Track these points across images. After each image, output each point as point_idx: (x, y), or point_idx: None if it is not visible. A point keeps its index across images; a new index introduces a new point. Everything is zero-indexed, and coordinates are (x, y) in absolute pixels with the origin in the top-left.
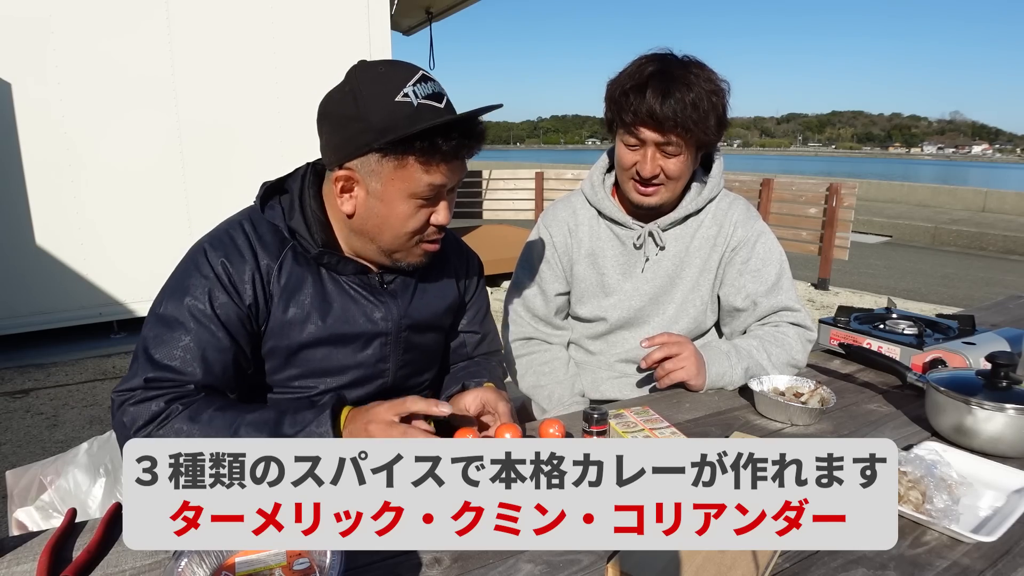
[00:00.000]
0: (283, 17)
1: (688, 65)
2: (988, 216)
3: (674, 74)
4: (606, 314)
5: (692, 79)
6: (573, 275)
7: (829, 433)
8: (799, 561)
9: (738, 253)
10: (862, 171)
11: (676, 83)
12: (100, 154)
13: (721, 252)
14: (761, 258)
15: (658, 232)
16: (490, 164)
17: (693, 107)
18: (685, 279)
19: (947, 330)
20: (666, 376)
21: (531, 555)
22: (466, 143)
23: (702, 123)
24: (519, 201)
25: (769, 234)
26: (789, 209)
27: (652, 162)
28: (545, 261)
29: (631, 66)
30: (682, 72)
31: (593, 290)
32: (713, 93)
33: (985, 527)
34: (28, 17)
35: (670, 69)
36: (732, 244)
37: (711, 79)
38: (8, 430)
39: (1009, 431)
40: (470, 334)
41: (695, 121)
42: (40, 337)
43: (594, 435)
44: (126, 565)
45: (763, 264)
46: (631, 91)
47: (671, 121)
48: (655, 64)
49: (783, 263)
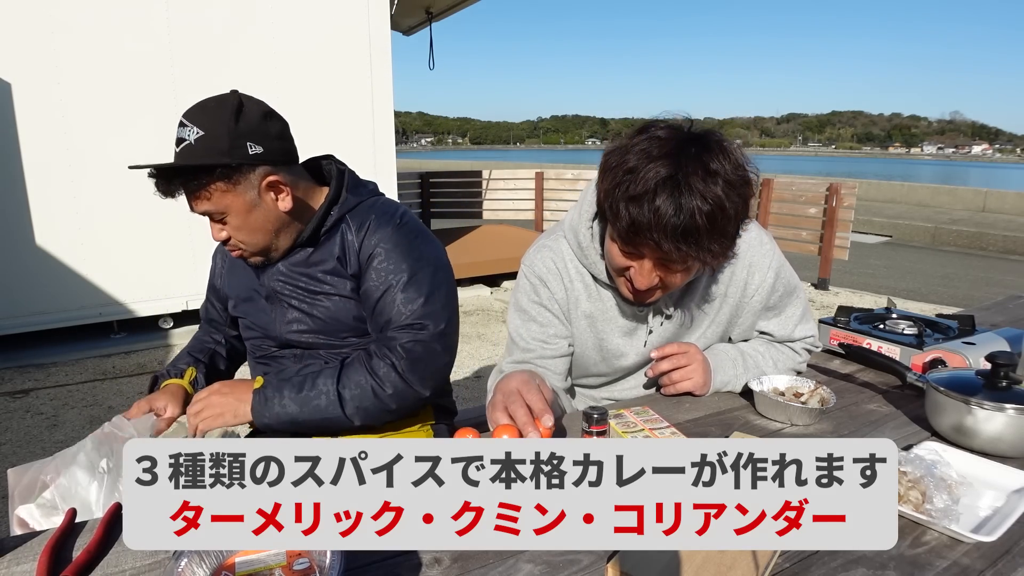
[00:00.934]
0: (283, 17)
1: (705, 162)
2: (988, 216)
3: (685, 176)
4: (603, 373)
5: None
6: (570, 323)
7: (829, 433)
8: (799, 561)
9: (755, 298)
10: (862, 171)
11: (685, 192)
12: (100, 154)
13: (734, 304)
14: (780, 296)
15: (666, 299)
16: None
17: (713, 234)
18: (692, 334)
19: (947, 330)
20: (672, 386)
21: (531, 555)
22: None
23: (720, 248)
24: (519, 201)
25: (784, 265)
26: (789, 209)
27: (649, 275)
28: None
29: (634, 158)
30: (700, 174)
31: (591, 353)
32: (740, 209)
33: (985, 527)
34: (28, 17)
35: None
36: (748, 292)
37: (742, 186)
38: (8, 430)
39: (1009, 431)
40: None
41: (712, 252)
42: (40, 337)
43: (594, 435)
44: (126, 565)
45: (781, 302)
46: (634, 199)
47: (683, 252)
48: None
49: (799, 290)
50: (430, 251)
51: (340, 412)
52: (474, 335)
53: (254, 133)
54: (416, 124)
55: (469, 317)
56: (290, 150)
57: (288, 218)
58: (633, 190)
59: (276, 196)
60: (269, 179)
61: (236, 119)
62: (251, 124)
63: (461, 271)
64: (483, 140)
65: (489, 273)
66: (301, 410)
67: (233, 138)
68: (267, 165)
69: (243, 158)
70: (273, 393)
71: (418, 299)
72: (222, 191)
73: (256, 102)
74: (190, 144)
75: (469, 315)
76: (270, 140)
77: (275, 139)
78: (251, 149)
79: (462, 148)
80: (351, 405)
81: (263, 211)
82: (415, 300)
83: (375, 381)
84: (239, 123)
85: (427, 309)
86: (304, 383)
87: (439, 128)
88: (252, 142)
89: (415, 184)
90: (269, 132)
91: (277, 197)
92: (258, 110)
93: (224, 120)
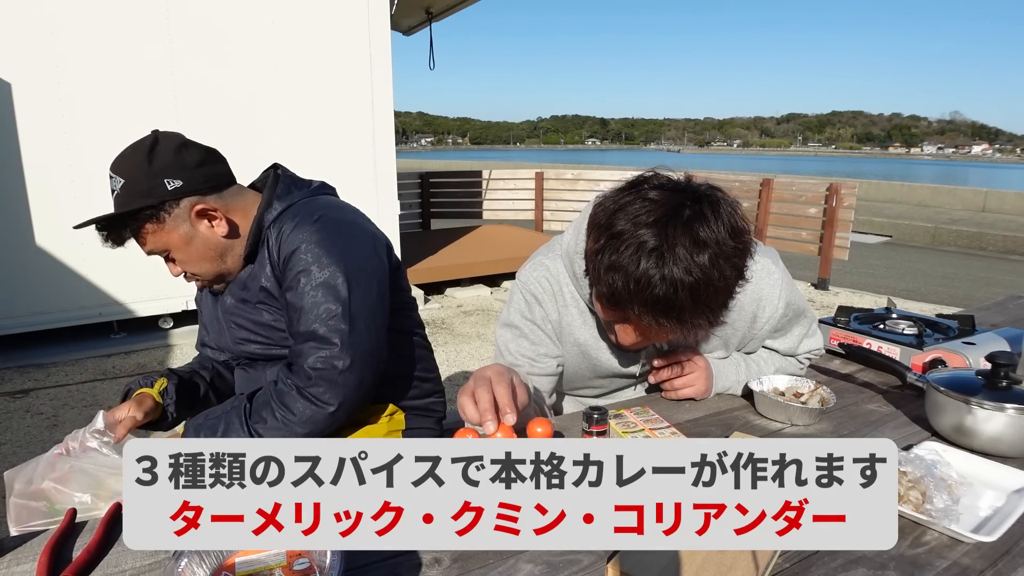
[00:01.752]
0: (283, 17)
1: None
2: (988, 216)
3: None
4: (598, 386)
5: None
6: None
7: (829, 433)
8: (799, 561)
9: (764, 327)
10: (862, 171)
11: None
12: (100, 154)
13: (740, 336)
14: (789, 319)
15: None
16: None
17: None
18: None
19: (947, 330)
20: (674, 392)
21: (531, 555)
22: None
23: (707, 322)
24: (519, 201)
25: (789, 286)
26: (789, 209)
27: (632, 336)
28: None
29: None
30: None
31: (583, 372)
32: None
33: (985, 527)
34: (28, 17)
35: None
36: (759, 323)
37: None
38: (8, 430)
39: (1009, 431)
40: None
41: (696, 326)
42: (40, 337)
43: (594, 435)
44: (126, 565)
45: (790, 323)
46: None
47: (659, 328)
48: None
49: (805, 307)
50: (350, 252)
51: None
52: (474, 335)
53: (170, 168)
54: (416, 124)
55: (469, 317)
56: (215, 174)
57: (228, 242)
58: (615, 259)
59: (210, 223)
60: (197, 208)
61: (149, 160)
62: (165, 160)
63: (461, 271)
64: (483, 140)
65: (489, 273)
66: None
67: (150, 178)
68: (191, 196)
69: (163, 195)
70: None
71: (327, 306)
72: (154, 231)
73: (171, 136)
74: (118, 194)
75: (469, 315)
76: (188, 171)
77: (194, 168)
78: (170, 184)
79: (462, 148)
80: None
81: (201, 240)
82: (323, 308)
83: (283, 411)
84: (152, 163)
85: (336, 321)
86: (217, 425)
87: (439, 128)
88: (169, 177)
89: (415, 184)
90: (186, 163)
91: (212, 224)
92: (172, 144)
93: (139, 163)
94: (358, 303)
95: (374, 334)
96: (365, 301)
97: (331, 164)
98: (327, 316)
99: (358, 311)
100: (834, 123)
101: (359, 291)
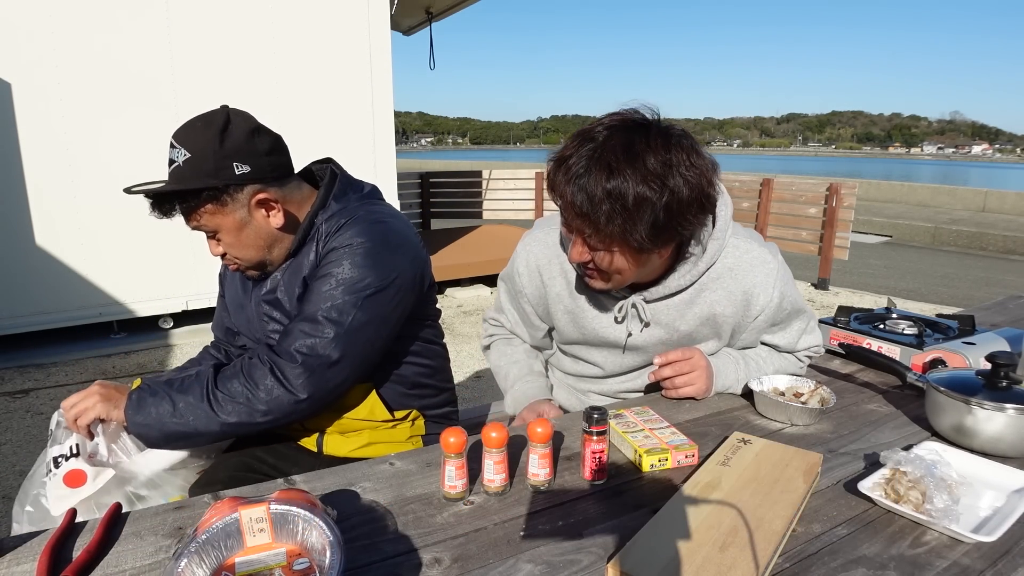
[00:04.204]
0: (283, 17)
1: (633, 146)
2: (988, 216)
3: (604, 154)
4: (597, 363)
5: (624, 166)
6: (553, 319)
7: (829, 433)
8: (799, 561)
9: (760, 319)
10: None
11: (597, 167)
12: (100, 154)
13: (734, 323)
14: (787, 313)
15: (642, 306)
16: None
17: (607, 201)
18: (683, 343)
19: (947, 330)
20: (674, 391)
21: (531, 555)
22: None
23: (619, 224)
24: (519, 201)
25: (788, 281)
26: (789, 209)
27: (576, 248)
28: (525, 300)
29: (582, 134)
30: (617, 156)
31: (575, 344)
32: (652, 189)
33: (985, 527)
34: (28, 17)
35: (606, 146)
36: (753, 313)
37: (663, 170)
38: (8, 430)
39: (1009, 431)
40: None
41: (609, 219)
42: (40, 337)
43: (594, 435)
44: (126, 565)
45: (788, 318)
46: (554, 161)
47: (576, 213)
48: (600, 133)
49: (803, 304)
50: (390, 262)
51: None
52: (474, 335)
53: (240, 152)
54: (416, 124)
55: (469, 317)
56: (281, 164)
57: (280, 233)
58: (556, 153)
59: (267, 213)
60: (258, 197)
61: (222, 139)
62: (237, 143)
63: (461, 271)
64: (483, 140)
65: (489, 273)
66: (174, 411)
67: (219, 159)
68: (255, 184)
69: (230, 179)
70: (147, 395)
71: (339, 299)
72: (211, 212)
73: (244, 118)
74: (179, 166)
75: (469, 315)
76: (257, 158)
77: (263, 156)
78: (238, 169)
79: (462, 148)
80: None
81: (254, 228)
82: (334, 298)
83: (249, 386)
84: (224, 143)
85: (339, 314)
86: (170, 391)
87: (439, 128)
88: (238, 162)
89: (415, 184)
90: (257, 149)
91: (268, 214)
92: (245, 127)
93: (210, 141)
94: (373, 308)
95: (373, 343)
96: (380, 310)
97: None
98: (332, 306)
99: (369, 314)
100: (834, 123)
101: (379, 298)
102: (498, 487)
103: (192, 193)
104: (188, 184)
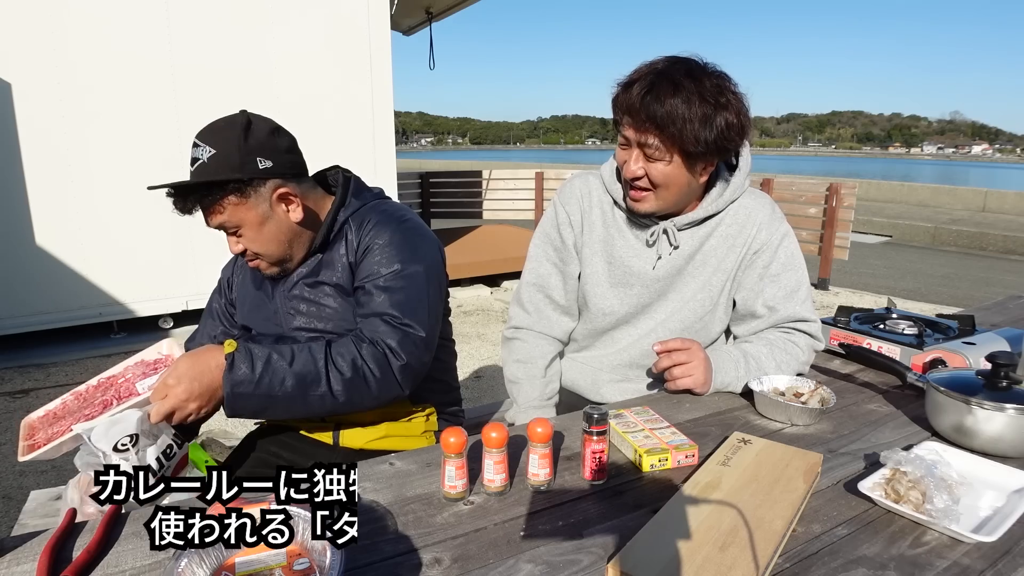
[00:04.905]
0: (283, 17)
1: (693, 71)
2: (988, 216)
3: (670, 74)
4: (612, 308)
5: (688, 83)
6: (582, 258)
7: (829, 433)
8: (799, 561)
9: (760, 256)
10: (862, 171)
11: (665, 83)
12: (100, 154)
13: (740, 254)
14: (783, 263)
15: (673, 231)
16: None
17: (674, 109)
18: (696, 277)
19: (947, 330)
20: (673, 382)
21: (531, 555)
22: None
23: (683, 128)
24: (519, 201)
25: (792, 238)
26: (789, 209)
27: (635, 163)
28: (562, 241)
29: (645, 61)
30: (681, 76)
31: (599, 279)
32: (709, 104)
33: (985, 527)
34: (29, 17)
35: (670, 70)
36: (754, 247)
37: (717, 91)
38: (8, 430)
39: (1009, 431)
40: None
41: (674, 123)
42: (40, 337)
43: (594, 435)
44: (126, 565)
45: (784, 269)
46: (622, 85)
47: (646, 119)
48: (661, 64)
49: (803, 270)
50: (425, 250)
51: (325, 381)
52: (474, 335)
53: (263, 148)
54: (416, 124)
55: (469, 317)
56: (299, 163)
57: (300, 228)
58: (625, 79)
59: (287, 207)
60: (280, 191)
61: (245, 136)
62: (260, 140)
63: (461, 271)
64: (483, 140)
65: (489, 273)
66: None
67: (243, 154)
68: (277, 178)
69: (254, 172)
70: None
71: (401, 296)
72: (235, 205)
73: (264, 120)
74: (203, 163)
75: (469, 315)
76: (279, 154)
77: (284, 153)
78: (261, 164)
79: (462, 148)
80: (339, 378)
81: (276, 223)
82: (398, 295)
83: (366, 364)
84: (248, 140)
85: (410, 308)
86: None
87: (439, 128)
88: (262, 157)
89: (415, 184)
90: (278, 147)
91: (288, 208)
92: (266, 127)
93: (234, 138)
94: (431, 296)
95: (437, 326)
96: (436, 296)
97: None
98: (402, 305)
99: (433, 305)
100: (834, 123)
101: (433, 287)
102: (498, 487)
103: (218, 186)
104: (213, 177)
